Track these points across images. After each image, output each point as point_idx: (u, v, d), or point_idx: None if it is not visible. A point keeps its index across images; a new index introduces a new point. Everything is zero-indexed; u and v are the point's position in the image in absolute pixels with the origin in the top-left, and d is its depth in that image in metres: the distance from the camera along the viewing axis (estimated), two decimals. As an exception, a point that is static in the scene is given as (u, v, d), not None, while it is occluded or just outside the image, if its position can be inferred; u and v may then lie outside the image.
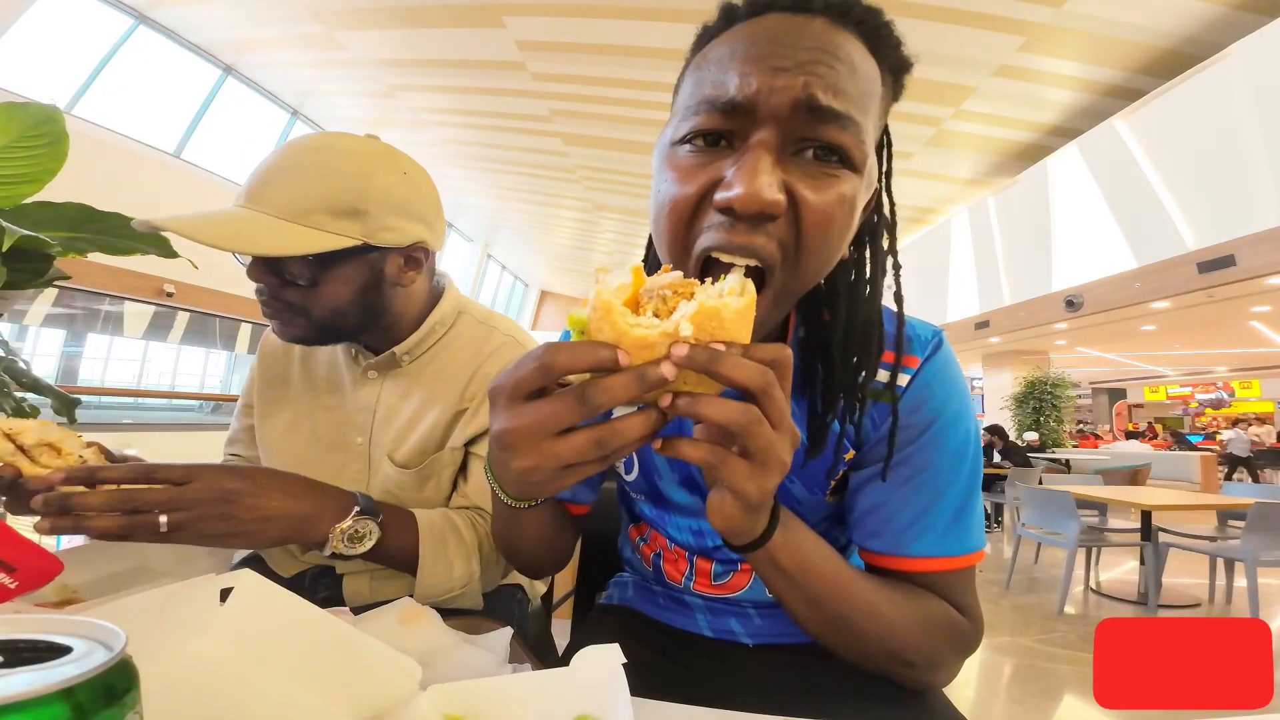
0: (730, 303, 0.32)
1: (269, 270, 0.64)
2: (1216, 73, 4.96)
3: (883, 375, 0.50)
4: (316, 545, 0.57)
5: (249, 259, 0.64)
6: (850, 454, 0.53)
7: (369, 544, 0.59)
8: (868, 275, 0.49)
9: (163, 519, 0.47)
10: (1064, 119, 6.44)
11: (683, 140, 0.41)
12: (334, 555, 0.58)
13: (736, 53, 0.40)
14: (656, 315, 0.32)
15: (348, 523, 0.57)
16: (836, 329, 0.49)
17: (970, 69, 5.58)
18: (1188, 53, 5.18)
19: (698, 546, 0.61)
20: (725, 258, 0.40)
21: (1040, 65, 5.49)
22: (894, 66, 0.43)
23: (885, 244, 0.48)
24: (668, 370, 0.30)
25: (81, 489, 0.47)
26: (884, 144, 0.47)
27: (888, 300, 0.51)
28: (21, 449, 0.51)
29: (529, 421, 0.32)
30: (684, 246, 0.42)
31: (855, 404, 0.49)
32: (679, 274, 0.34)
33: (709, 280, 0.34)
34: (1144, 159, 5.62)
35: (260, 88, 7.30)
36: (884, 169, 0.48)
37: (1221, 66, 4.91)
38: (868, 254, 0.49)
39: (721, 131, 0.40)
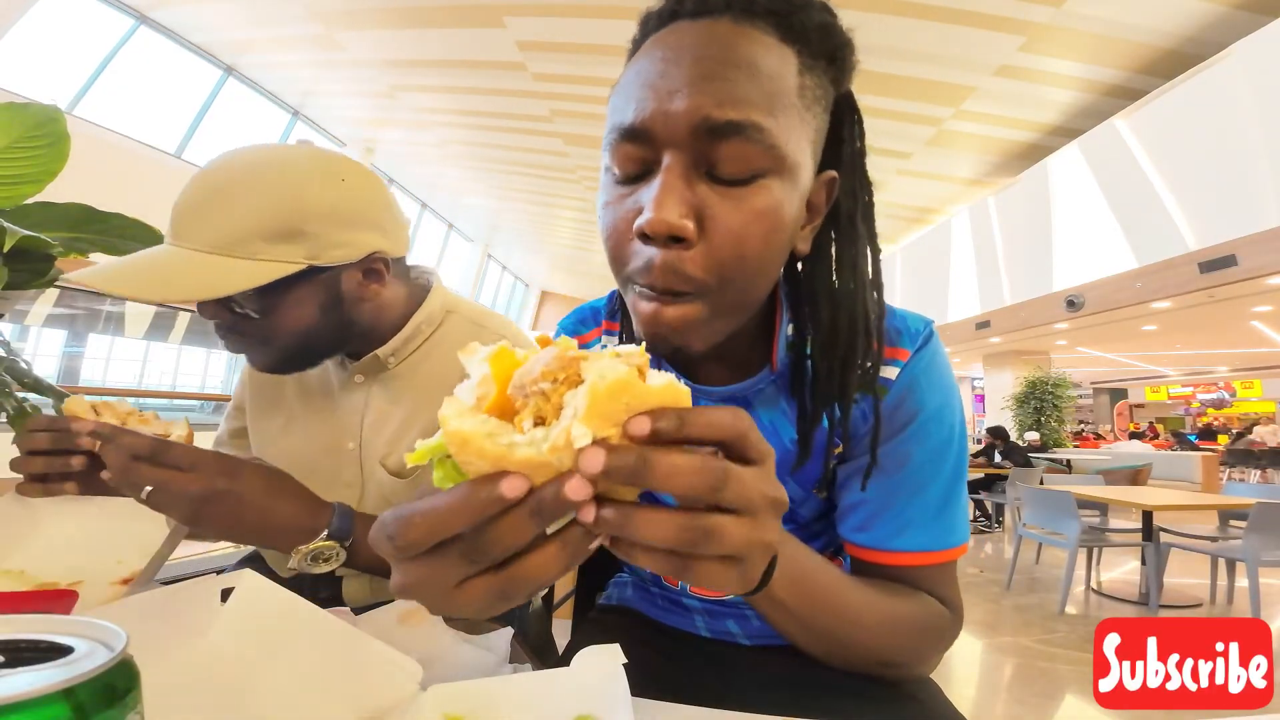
0: (646, 360, 0.24)
1: (219, 306, 0.60)
2: (1217, 72, 4.95)
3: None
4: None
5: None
6: (839, 449, 0.53)
7: (333, 565, 0.58)
8: (848, 264, 0.46)
9: (147, 489, 0.49)
10: (1064, 119, 6.43)
11: (609, 169, 0.41)
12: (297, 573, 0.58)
13: (639, 75, 0.39)
14: (540, 420, 0.24)
15: (312, 545, 0.56)
16: (818, 329, 0.47)
17: (971, 69, 5.58)
18: (1188, 52, 5.18)
19: None
20: (647, 299, 0.40)
21: (1041, 65, 5.49)
22: (822, 48, 0.41)
23: (861, 229, 0.46)
24: (575, 492, 0.22)
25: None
26: (850, 123, 0.45)
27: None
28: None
29: (418, 579, 0.26)
30: (621, 270, 0.42)
31: (843, 405, 0.47)
32: (555, 349, 0.24)
33: (604, 344, 0.29)
34: (1145, 159, 5.61)
35: (261, 88, 7.31)
36: (855, 148, 0.45)
37: (1222, 66, 4.90)
38: (843, 243, 0.47)
39: (637, 159, 0.39)
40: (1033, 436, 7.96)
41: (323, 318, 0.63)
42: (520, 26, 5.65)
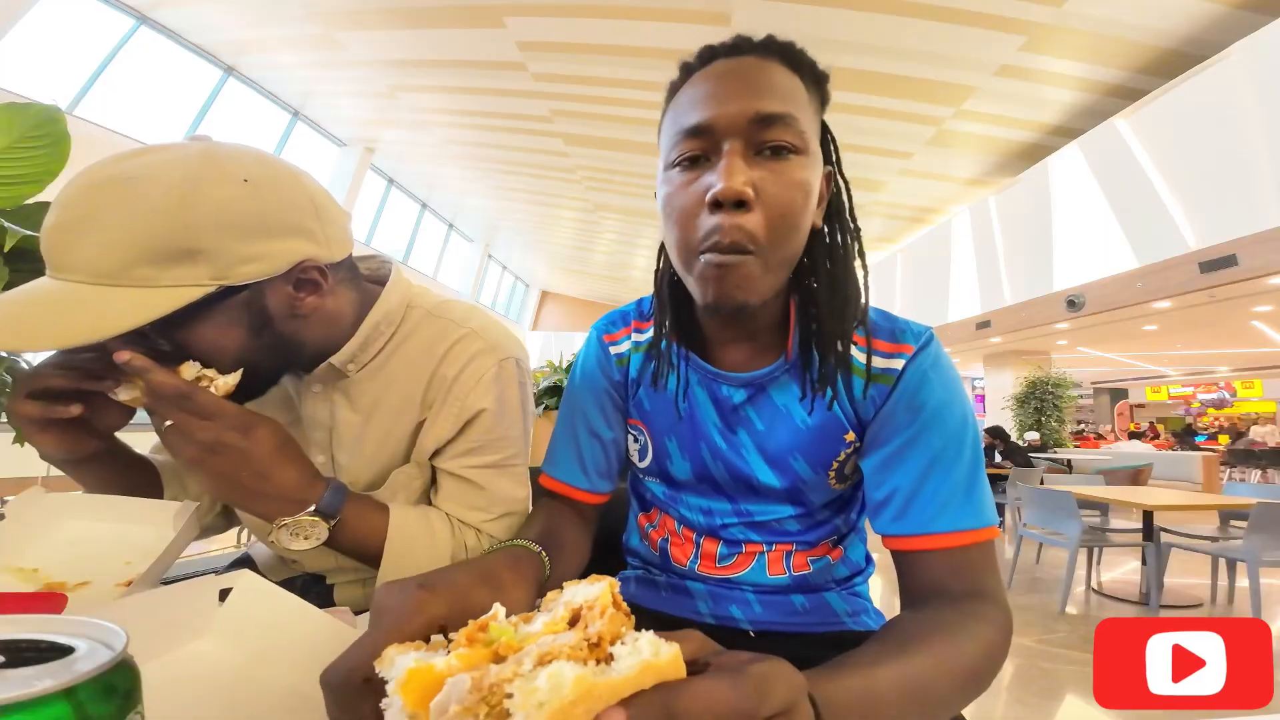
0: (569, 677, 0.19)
1: (134, 344, 0.51)
2: (1218, 72, 4.95)
3: (879, 362, 0.56)
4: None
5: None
6: (850, 435, 0.58)
7: (312, 544, 0.56)
8: (839, 242, 0.57)
9: (168, 423, 0.50)
10: (1065, 118, 6.43)
11: (674, 164, 0.53)
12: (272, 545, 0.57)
13: (699, 93, 0.52)
14: None
15: (295, 517, 0.54)
16: (820, 289, 0.56)
17: (971, 69, 5.58)
18: (1189, 52, 5.17)
19: (706, 526, 0.66)
20: (716, 259, 0.49)
21: (1041, 65, 5.48)
22: (813, 78, 0.55)
23: (846, 214, 0.58)
24: None
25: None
26: (827, 139, 0.58)
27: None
28: None
29: None
30: (691, 245, 0.51)
31: (842, 341, 0.55)
32: (468, 678, 0.20)
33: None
34: (1145, 158, 5.61)
35: (261, 88, 7.31)
36: (835, 156, 0.58)
37: (1223, 66, 4.90)
38: (838, 227, 0.58)
39: (699, 152, 0.51)
40: (1033, 436, 7.96)
41: (253, 340, 0.54)
42: (520, 26, 5.65)
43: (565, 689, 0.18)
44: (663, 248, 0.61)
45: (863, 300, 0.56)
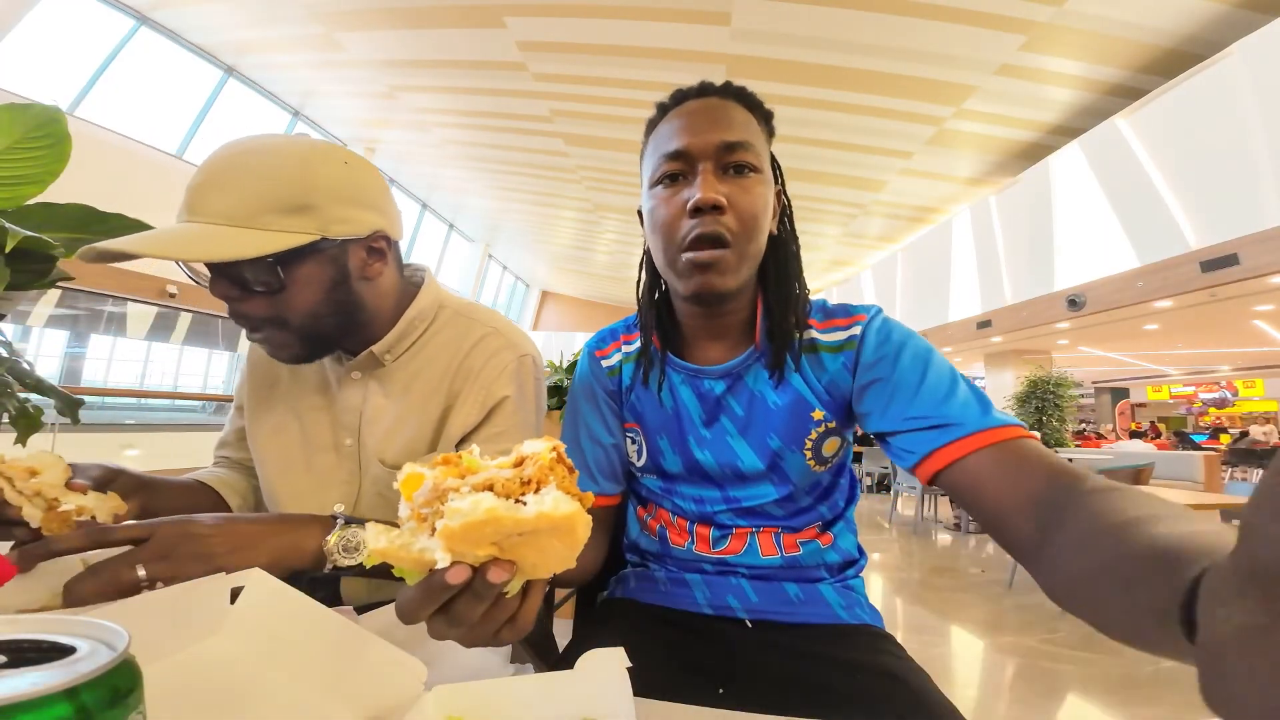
0: (485, 506, 0.28)
1: (232, 283, 0.62)
2: (1219, 71, 4.94)
3: (839, 335, 0.65)
4: (313, 565, 0.56)
5: (208, 279, 0.62)
6: (818, 413, 0.65)
7: (366, 552, 0.57)
8: (787, 246, 0.70)
9: (141, 572, 0.47)
10: (1066, 118, 6.42)
11: (657, 182, 0.64)
12: (335, 569, 0.57)
13: (675, 126, 0.64)
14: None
15: (336, 535, 0.56)
16: (771, 283, 0.68)
17: (972, 68, 5.57)
18: (1190, 51, 5.17)
19: (698, 513, 0.72)
20: (694, 255, 0.60)
21: (1042, 64, 5.48)
22: (763, 115, 0.68)
23: (788, 226, 0.70)
24: (454, 576, 0.30)
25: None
26: (776, 166, 0.69)
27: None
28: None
29: (436, 634, 0.35)
30: (675, 245, 0.62)
31: (799, 322, 0.66)
32: (430, 480, 0.30)
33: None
34: (1146, 158, 5.60)
35: (261, 89, 7.32)
36: (780, 180, 0.70)
37: (1224, 65, 4.89)
38: (786, 236, 0.70)
39: (677, 172, 0.63)
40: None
41: (331, 294, 0.66)
42: (520, 26, 5.65)
43: (478, 513, 0.27)
44: (642, 264, 0.75)
45: (799, 290, 0.68)
